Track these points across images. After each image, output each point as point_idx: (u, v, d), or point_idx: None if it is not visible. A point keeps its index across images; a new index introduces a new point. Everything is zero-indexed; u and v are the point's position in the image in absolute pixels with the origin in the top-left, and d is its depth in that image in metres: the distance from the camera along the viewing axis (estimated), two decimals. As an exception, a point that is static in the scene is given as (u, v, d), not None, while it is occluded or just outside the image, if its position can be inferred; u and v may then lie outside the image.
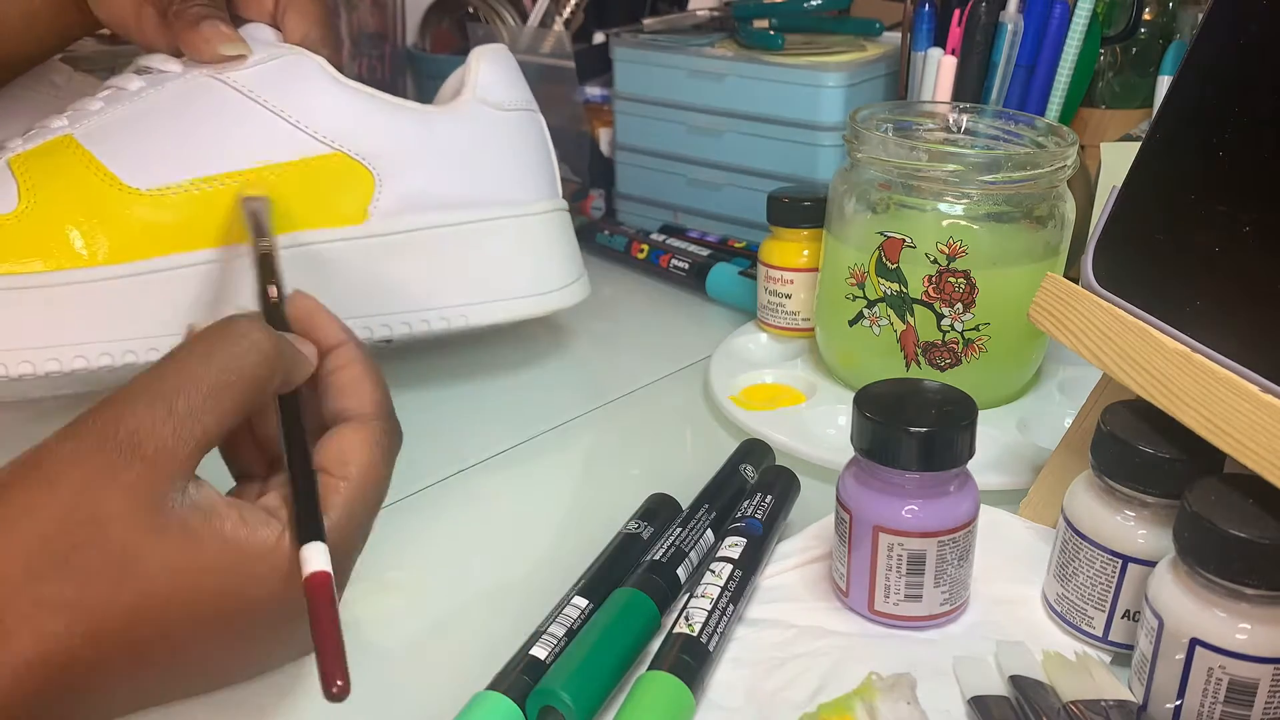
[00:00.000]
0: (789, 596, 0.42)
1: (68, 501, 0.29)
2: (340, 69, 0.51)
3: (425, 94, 0.90)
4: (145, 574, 0.30)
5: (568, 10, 0.81)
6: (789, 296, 0.60)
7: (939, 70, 0.63)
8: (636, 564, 0.41)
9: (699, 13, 0.79)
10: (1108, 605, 0.38)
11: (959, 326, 0.51)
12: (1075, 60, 0.60)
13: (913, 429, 0.37)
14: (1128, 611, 0.38)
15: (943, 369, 0.52)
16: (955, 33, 0.62)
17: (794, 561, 0.43)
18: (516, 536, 0.47)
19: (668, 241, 0.74)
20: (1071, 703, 0.34)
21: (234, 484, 0.38)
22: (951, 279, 0.50)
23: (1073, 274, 0.43)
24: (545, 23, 0.81)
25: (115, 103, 0.50)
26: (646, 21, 0.77)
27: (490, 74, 0.56)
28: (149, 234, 0.47)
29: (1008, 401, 0.54)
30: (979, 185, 0.49)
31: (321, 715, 0.37)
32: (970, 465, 0.39)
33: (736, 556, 0.40)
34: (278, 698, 0.38)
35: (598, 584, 0.40)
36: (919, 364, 0.52)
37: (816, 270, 0.58)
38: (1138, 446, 0.36)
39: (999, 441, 0.50)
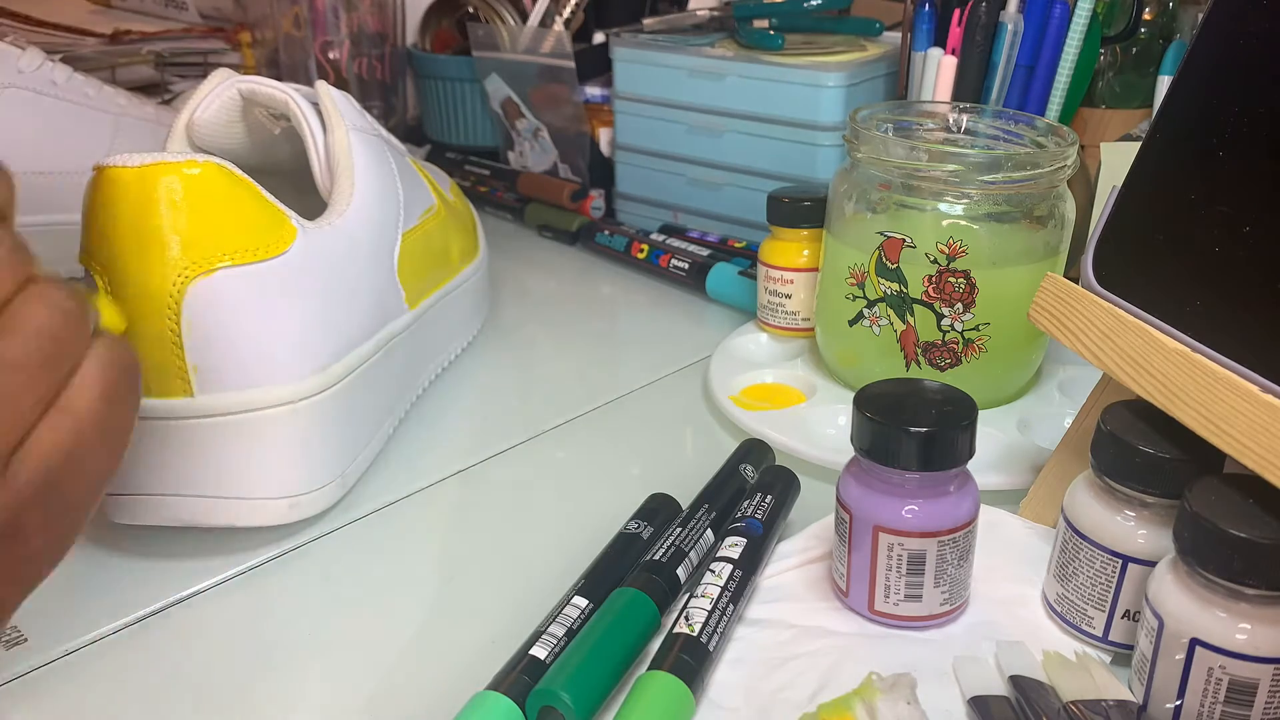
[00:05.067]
0: (789, 596, 0.42)
1: None
2: None
3: (425, 94, 0.90)
4: None
5: (568, 10, 0.81)
6: (789, 296, 0.60)
7: (939, 70, 0.63)
8: (636, 564, 0.41)
9: (699, 13, 0.79)
10: (1108, 605, 0.38)
11: (959, 326, 0.51)
12: (1075, 60, 0.60)
13: (913, 429, 0.37)
14: (1128, 611, 0.38)
15: (943, 369, 0.52)
16: (955, 33, 0.62)
17: (794, 561, 0.43)
18: (516, 536, 0.47)
19: (668, 241, 0.74)
20: (1071, 703, 0.34)
21: None
22: (951, 279, 0.50)
23: (1073, 274, 0.43)
24: (545, 23, 0.81)
25: None
26: (646, 21, 0.77)
27: None
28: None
29: (1008, 401, 0.54)
30: (979, 185, 0.49)
31: (326, 713, 0.37)
32: (970, 465, 0.39)
33: (736, 556, 0.40)
34: (280, 685, 0.38)
35: (597, 584, 0.40)
36: (919, 364, 0.52)
37: (816, 270, 0.58)
38: (1138, 446, 0.36)
39: (999, 441, 0.50)
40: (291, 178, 0.54)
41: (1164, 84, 0.61)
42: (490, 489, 0.51)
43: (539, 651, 0.36)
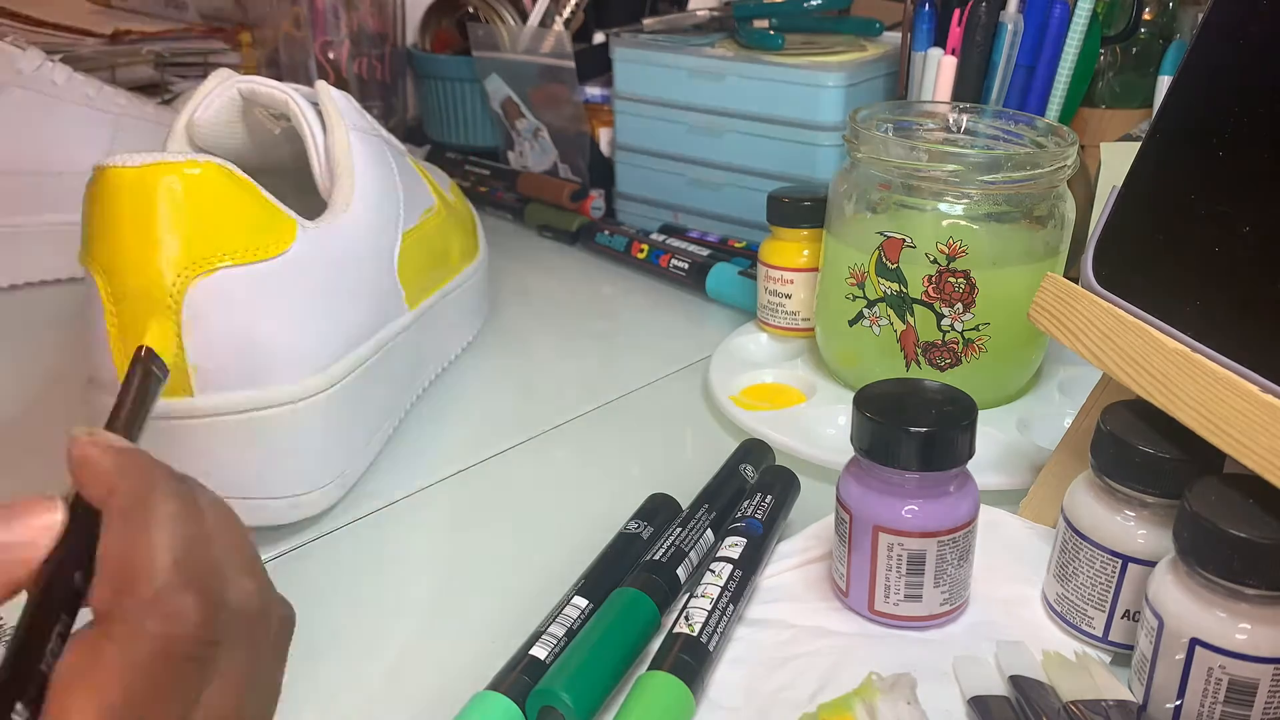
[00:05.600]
0: (789, 596, 0.42)
1: None
2: None
3: (425, 94, 0.90)
4: None
5: (568, 10, 0.81)
6: (789, 296, 0.60)
7: (939, 70, 0.63)
8: (636, 564, 0.41)
9: (699, 13, 0.79)
10: (1108, 605, 0.38)
11: (959, 326, 0.51)
12: (1075, 60, 0.60)
13: (913, 429, 0.37)
14: (1128, 611, 0.38)
15: (943, 369, 0.52)
16: (955, 33, 0.62)
17: (794, 561, 0.43)
18: (516, 536, 0.47)
19: (668, 241, 0.74)
20: (1071, 703, 0.34)
21: None
22: (951, 279, 0.50)
23: (1073, 274, 0.43)
24: (545, 23, 0.81)
25: None
26: (646, 21, 0.77)
27: None
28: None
29: (1008, 401, 0.54)
30: (979, 185, 0.49)
31: (326, 713, 0.37)
32: (970, 465, 0.39)
33: (736, 556, 0.40)
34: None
35: (597, 584, 0.40)
36: (919, 364, 0.52)
37: (816, 270, 0.58)
38: (1138, 446, 0.36)
39: (999, 441, 0.50)
40: (292, 177, 0.54)
41: (1164, 84, 0.61)
42: (490, 489, 0.51)
43: (539, 651, 0.36)
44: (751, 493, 0.44)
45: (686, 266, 0.70)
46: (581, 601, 0.39)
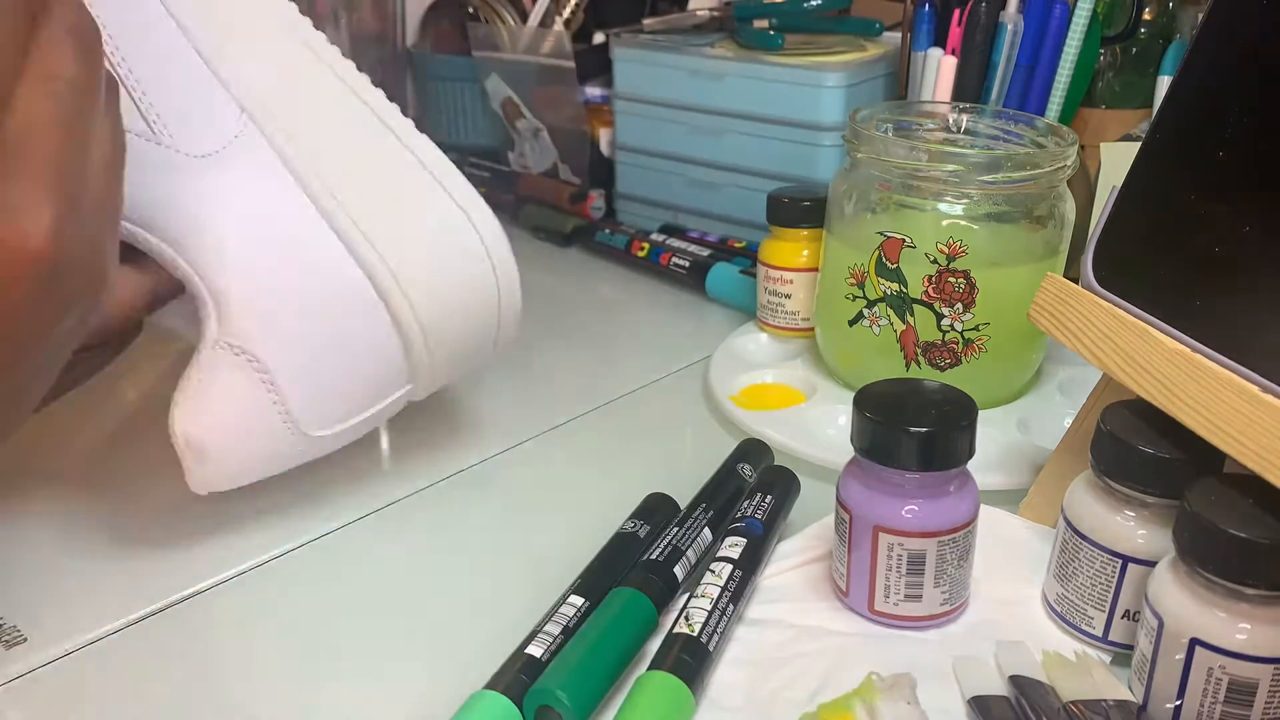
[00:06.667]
0: (789, 596, 0.42)
1: None
2: None
3: (425, 95, 0.90)
4: None
5: (568, 10, 0.81)
6: (789, 296, 0.60)
7: (939, 70, 0.63)
8: (633, 563, 0.41)
9: (699, 13, 0.79)
10: (1108, 605, 0.38)
11: (959, 326, 0.51)
12: (1075, 60, 0.60)
13: (913, 429, 0.37)
14: (1128, 611, 0.38)
15: (943, 369, 0.52)
16: (955, 33, 0.62)
17: (794, 561, 0.43)
18: (516, 536, 0.47)
19: (668, 241, 0.74)
20: (1071, 703, 0.34)
21: None
22: (951, 279, 0.50)
23: (1073, 274, 0.43)
24: (545, 23, 0.81)
25: None
26: (646, 21, 0.77)
27: None
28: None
29: (1008, 401, 0.54)
30: (979, 185, 0.49)
31: (324, 713, 0.37)
32: (970, 465, 0.39)
33: (736, 556, 0.40)
34: (279, 686, 0.38)
35: (594, 583, 0.40)
36: (919, 364, 0.52)
37: (816, 270, 0.58)
38: (1138, 446, 0.36)
39: (999, 441, 0.50)
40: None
41: (1164, 84, 0.61)
42: (490, 489, 0.51)
43: (535, 650, 0.36)
44: (751, 493, 0.44)
45: (687, 265, 0.70)
46: (578, 600, 0.39)
